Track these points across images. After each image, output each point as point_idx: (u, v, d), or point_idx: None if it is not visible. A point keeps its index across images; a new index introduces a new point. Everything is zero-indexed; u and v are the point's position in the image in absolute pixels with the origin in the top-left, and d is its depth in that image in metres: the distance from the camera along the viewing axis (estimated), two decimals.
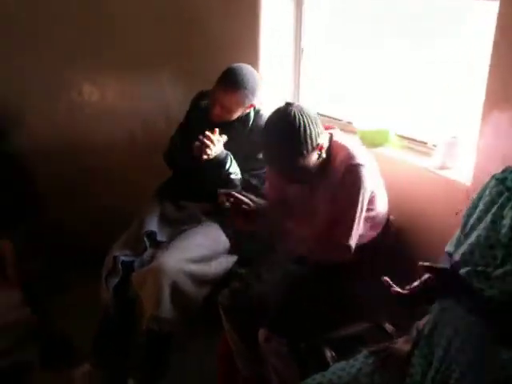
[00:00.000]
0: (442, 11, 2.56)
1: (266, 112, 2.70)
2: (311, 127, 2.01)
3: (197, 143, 2.49)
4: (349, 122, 2.98)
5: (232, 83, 2.56)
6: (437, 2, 2.61)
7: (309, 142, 2.01)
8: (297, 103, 2.06)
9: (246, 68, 2.62)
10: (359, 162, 2.08)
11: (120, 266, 2.56)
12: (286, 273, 2.29)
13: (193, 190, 2.76)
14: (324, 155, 2.11)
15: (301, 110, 2.01)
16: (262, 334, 2.19)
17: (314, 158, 2.07)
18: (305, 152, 2.02)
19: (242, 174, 2.67)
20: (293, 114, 2.00)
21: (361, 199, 2.08)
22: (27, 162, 3.51)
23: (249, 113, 2.71)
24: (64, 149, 3.52)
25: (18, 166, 3.45)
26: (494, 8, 2.02)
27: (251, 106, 2.67)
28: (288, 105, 2.04)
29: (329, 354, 2.17)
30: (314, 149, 2.04)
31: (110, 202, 3.51)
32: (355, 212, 2.08)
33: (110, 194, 3.54)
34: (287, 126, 2.00)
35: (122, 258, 2.57)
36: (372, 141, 2.74)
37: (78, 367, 2.70)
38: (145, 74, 3.27)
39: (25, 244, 3.15)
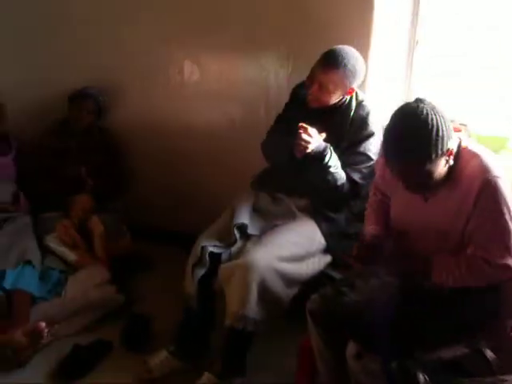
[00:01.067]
0: None
1: (370, 104, 2.57)
2: (443, 129, 1.79)
3: (296, 141, 2.35)
4: (462, 124, 2.74)
5: (332, 61, 2.41)
6: None
7: (439, 145, 1.79)
8: (428, 100, 1.85)
9: (349, 49, 2.46)
10: (496, 174, 1.87)
11: (207, 257, 2.49)
12: (383, 284, 2.13)
13: (290, 183, 2.63)
14: (452, 162, 1.90)
15: (433, 109, 1.81)
16: (351, 348, 2.05)
17: (441, 164, 1.86)
18: (433, 156, 1.80)
19: (342, 168, 2.50)
20: (425, 112, 1.79)
21: (507, 211, 1.87)
22: (121, 139, 3.53)
23: (350, 102, 2.55)
24: (158, 128, 3.50)
25: (112, 143, 3.45)
26: None
27: (351, 90, 2.51)
28: (419, 101, 1.84)
29: (422, 377, 2.00)
30: (443, 154, 1.82)
31: (201, 186, 3.46)
32: (506, 227, 1.87)
33: (202, 177, 3.47)
34: (417, 125, 1.79)
35: (210, 248, 2.50)
36: (488, 147, 2.51)
37: (155, 352, 2.65)
38: (248, 57, 3.14)
39: (114, 221, 3.14)
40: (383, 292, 2.10)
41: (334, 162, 2.43)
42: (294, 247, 2.46)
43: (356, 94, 2.57)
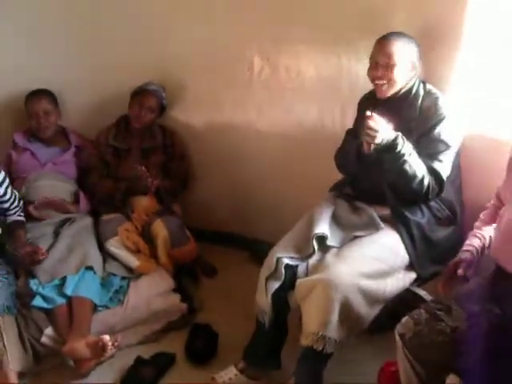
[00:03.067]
0: None
1: (438, 92, 2.39)
2: None
3: (362, 130, 2.19)
4: None
5: (383, 36, 2.35)
6: None
7: None
8: None
9: None
10: None
11: (283, 269, 2.31)
12: (484, 311, 1.90)
13: (371, 190, 2.45)
14: None
15: None
16: (451, 381, 1.84)
17: None
18: None
19: None
20: None
21: None
22: (183, 138, 3.38)
23: (417, 92, 2.37)
24: (223, 127, 3.31)
25: (176, 142, 3.30)
26: None
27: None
28: None
29: None
30: None
31: (267, 190, 3.27)
32: None
33: (267, 182, 3.27)
34: None
35: (286, 260, 2.32)
36: None
37: (222, 369, 2.50)
38: (323, 52, 2.87)
39: (178, 225, 2.97)
40: (485, 320, 1.88)
41: (408, 150, 2.22)
42: (377, 262, 2.25)
43: (423, 84, 2.41)
